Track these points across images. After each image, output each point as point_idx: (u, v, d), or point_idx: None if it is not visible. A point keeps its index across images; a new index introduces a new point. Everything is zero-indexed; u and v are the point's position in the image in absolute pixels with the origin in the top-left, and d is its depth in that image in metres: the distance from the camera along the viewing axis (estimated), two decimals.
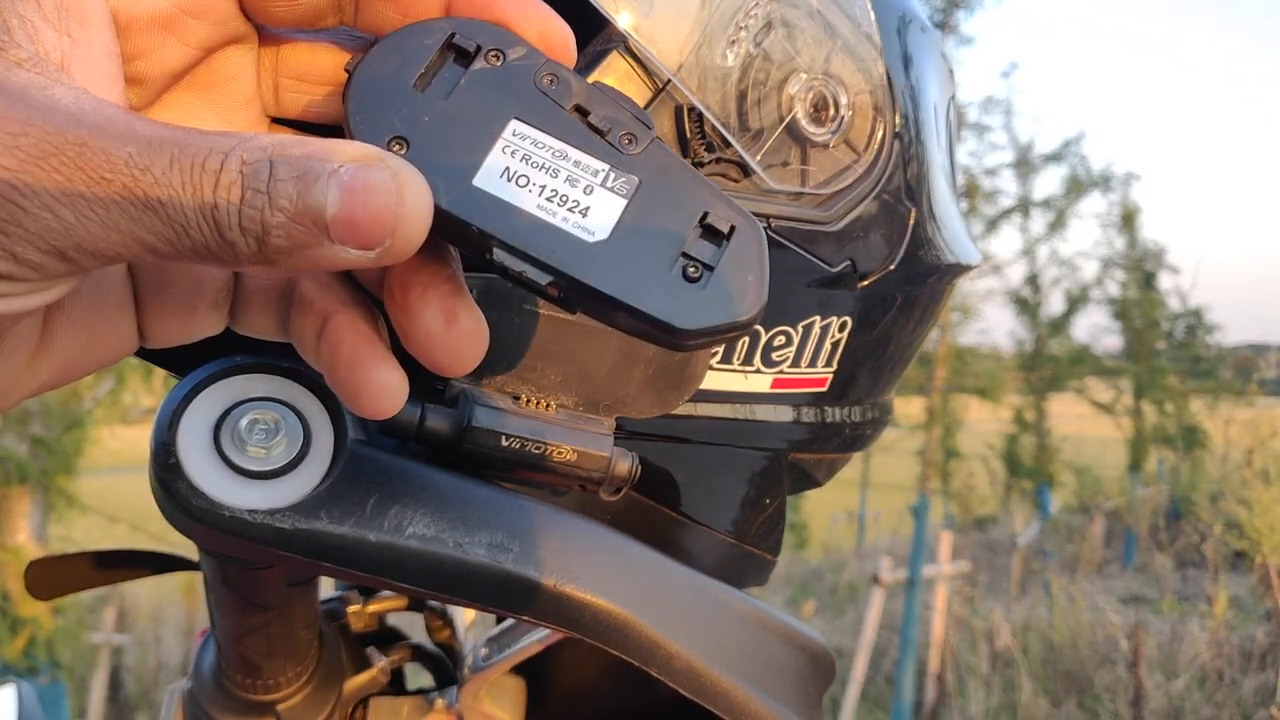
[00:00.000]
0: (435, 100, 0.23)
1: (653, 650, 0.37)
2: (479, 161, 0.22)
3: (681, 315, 0.22)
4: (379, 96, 0.23)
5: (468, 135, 0.22)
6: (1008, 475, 8.96)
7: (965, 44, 7.72)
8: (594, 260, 0.22)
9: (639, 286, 0.22)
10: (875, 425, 0.48)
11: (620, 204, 0.22)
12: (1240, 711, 3.55)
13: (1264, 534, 3.86)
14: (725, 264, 0.22)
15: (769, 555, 0.47)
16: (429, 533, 0.34)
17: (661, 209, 0.22)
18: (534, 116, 0.23)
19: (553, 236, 0.22)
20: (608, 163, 0.23)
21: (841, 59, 0.40)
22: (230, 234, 0.20)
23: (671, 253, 0.22)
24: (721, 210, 0.23)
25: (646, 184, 0.23)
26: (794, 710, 0.40)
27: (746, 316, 0.22)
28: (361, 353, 0.25)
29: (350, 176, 0.20)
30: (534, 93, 0.23)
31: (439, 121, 0.23)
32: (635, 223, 0.22)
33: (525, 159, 0.22)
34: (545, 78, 0.23)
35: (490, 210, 0.22)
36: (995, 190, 8.67)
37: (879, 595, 3.80)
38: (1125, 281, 9.04)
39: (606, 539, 0.38)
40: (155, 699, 5.28)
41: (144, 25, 0.24)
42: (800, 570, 7.39)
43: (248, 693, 0.49)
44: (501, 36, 0.24)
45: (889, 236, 0.43)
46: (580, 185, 0.22)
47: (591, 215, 0.22)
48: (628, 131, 0.23)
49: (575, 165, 0.22)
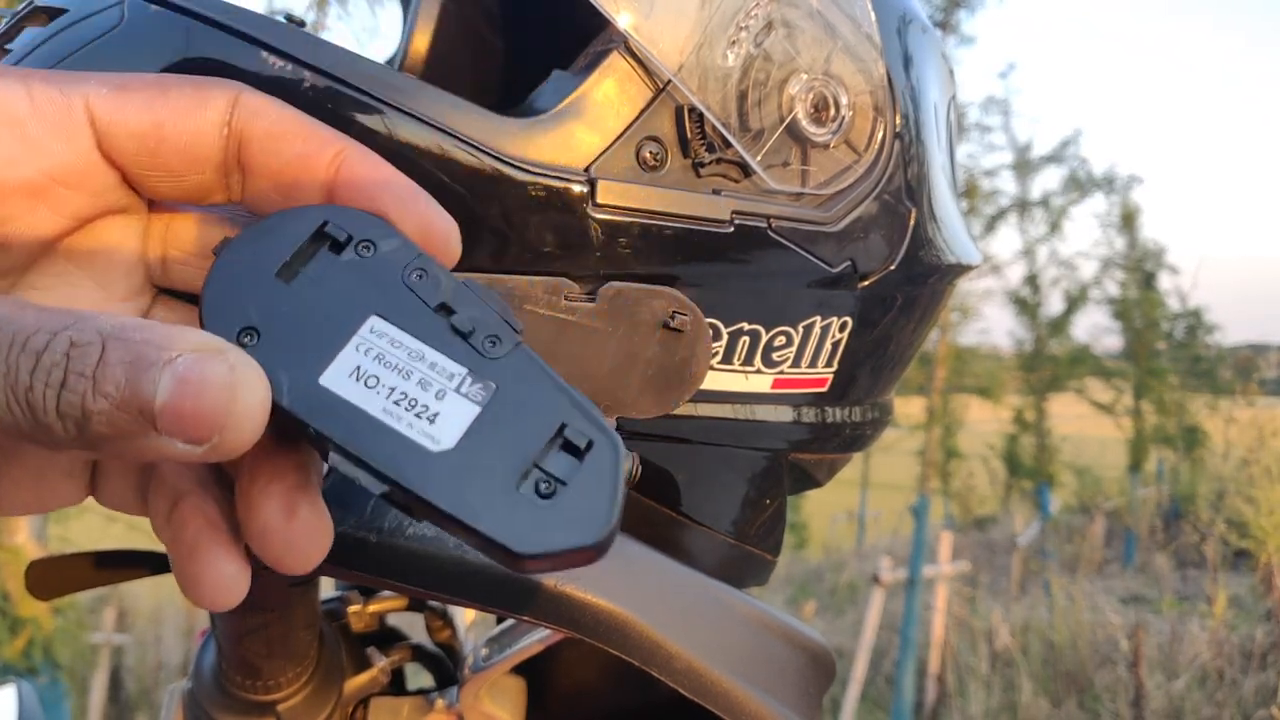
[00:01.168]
0: (297, 291, 0.22)
1: (653, 650, 0.37)
2: (330, 358, 0.21)
3: (521, 538, 0.20)
4: (238, 284, 0.22)
5: (323, 330, 0.22)
6: (1008, 475, 8.96)
7: (966, 44, 7.71)
8: (434, 471, 0.21)
9: (479, 502, 0.21)
10: (875, 425, 0.48)
11: (473, 411, 0.21)
12: (1240, 711, 3.55)
13: (1269, 533, 3.86)
14: (578, 481, 0.21)
15: (769, 555, 0.47)
16: (429, 533, 0.34)
17: (516, 418, 0.21)
18: (395, 313, 0.22)
19: (393, 443, 0.21)
20: (466, 366, 0.22)
21: (842, 59, 0.40)
22: (46, 418, 0.19)
23: (522, 466, 0.21)
24: (580, 423, 0.22)
25: (504, 391, 0.22)
26: (794, 710, 0.40)
27: (593, 540, 0.20)
28: (203, 539, 0.23)
29: (185, 368, 0.19)
30: (399, 288, 0.22)
31: (295, 314, 0.22)
32: (487, 432, 0.21)
33: (379, 358, 0.22)
34: (414, 273, 0.23)
35: (331, 411, 0.21)
36: (994, 190, 8.68)
37: (879, 595, 3.80)
38: (1125, 281, 9.04)
39: None
40: (155, 699, 5.28)
41: (11, 192, 0.23)
42: (800, 570, 7.39)
43: (248, 693, 0.49)
44: (376, 227, 0.23)
45: (889, 237, 0.43)
46: (433, 389, 0.21)
47: (440, 422, 0.21)
48: (492, 334, 0.22)
49: (430, 368, 0.22)
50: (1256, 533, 3.90)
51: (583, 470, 0.21)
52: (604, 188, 0.36)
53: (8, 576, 3.43)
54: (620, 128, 0.37)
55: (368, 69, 0.34)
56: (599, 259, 0.37)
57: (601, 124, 0.37)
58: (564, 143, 0.36)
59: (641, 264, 0.38)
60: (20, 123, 0.23)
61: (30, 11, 0.36)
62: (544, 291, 0.37)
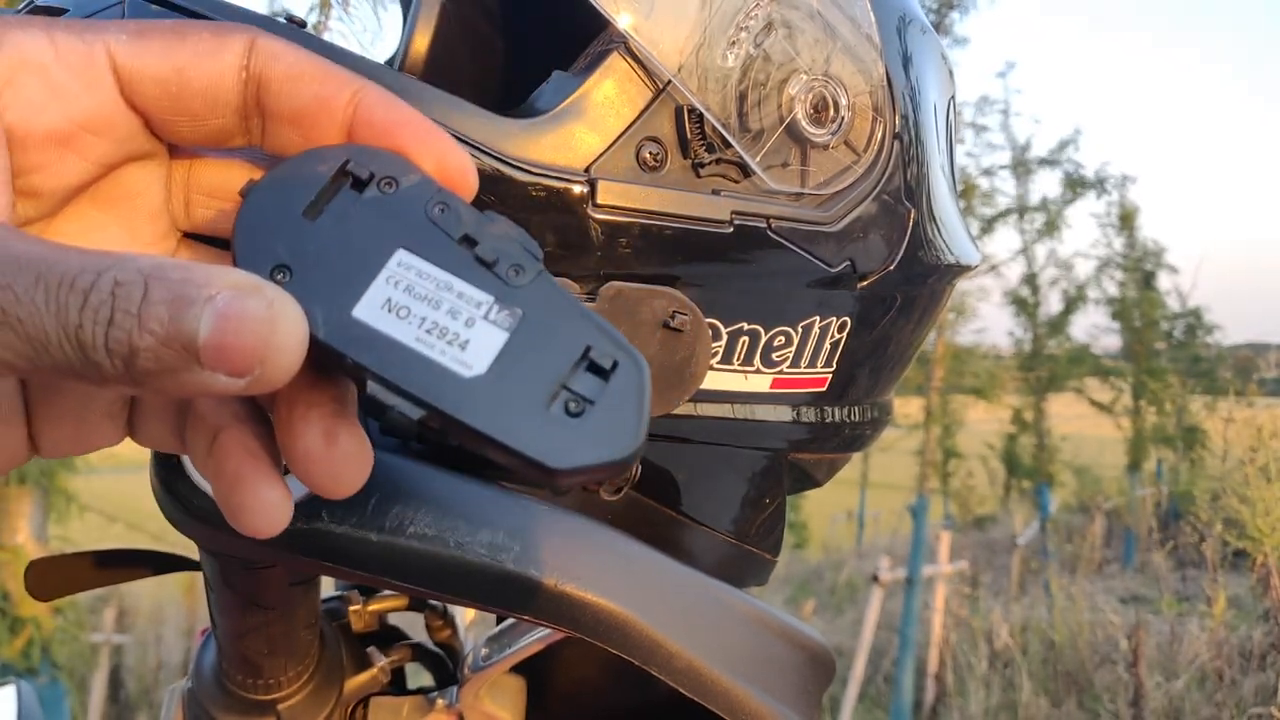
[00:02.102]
0: (323, 228, 0.23)
1: (653, 649, 0.37)
2: (361, 292, 0.22)
3: (555, 454, 0.21)
4: (267, 224, 0.23)
5: (352, 264, 0.22)
6: (1007, 475, 8.96)
7: (959, 45, 7.71)
8: (469, 395, 0.21)
9: (514, 423, 0.21)
10: (875, 425, 0.48)
11: (502, 337, 0.22)
12: (1240, 711, 3.55)
13: (1265, 533, 3.86)
14: (605, 400, 0.22)
15: (769, 555, 0.47)
16: (430, 532, 0.34)
17: (543, 343, 0.22)
18: (421, 246, 0.23)
19: (429, 370, 0.22)
20: (492, 294, 0.22)
21: (841, 60, 0.40)
22: (95, 354, 0.19)
23: (551, 387, 0.22)
24: (605, 346, 0.22)
25: (530, 317, 0.22)
26: (794, 709, 0.40)
27: (624, 455, 0.21)
28: (245, 469, 0.24)
29: (225, 304, 0.20)
30: (423, 222, 0.23)
31: (325, 250, 0.23)
32: (516, 357, 0.22)
33: (409, 290, 0.22)
34: (436, 207, 0.23)
35: (367, 342, 0.22)
36: (993, 190, 8.68)
37: (878, 595, 3.80)
38: (1124, 281, 9.04)
39: (607, 539, 0.38)
40: (155, 699, 5.28)
41: (39, 140, 0.23)
42: (800, 570, 7.39)
43: (248, 692, 0.49)
44: (396, 164, 0.24)
45: (889, 237, 0.43)
46: (462, 318, 0.22)
47: (471, 349, 0.22)
48: (515, 263, 0.23)
49: (459, 297, 0.22)
50: (1253, 533, 3.90)
51: (609, 389, 0.22)
52: (604, 188, 0.36)
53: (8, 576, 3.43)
54: (620, 128, 0.37)
55: (368, 69, 0.34)
56: (599, 259, 0.37)
57: (601, 124, 0.37)
58: (564, 143, 0.36)
59: (641, 264, 0.38)
60: (46, 70, 0.23)
61: (30, 11, 0.36)
62: None
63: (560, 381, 0.22)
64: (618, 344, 0.22)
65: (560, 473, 0.21)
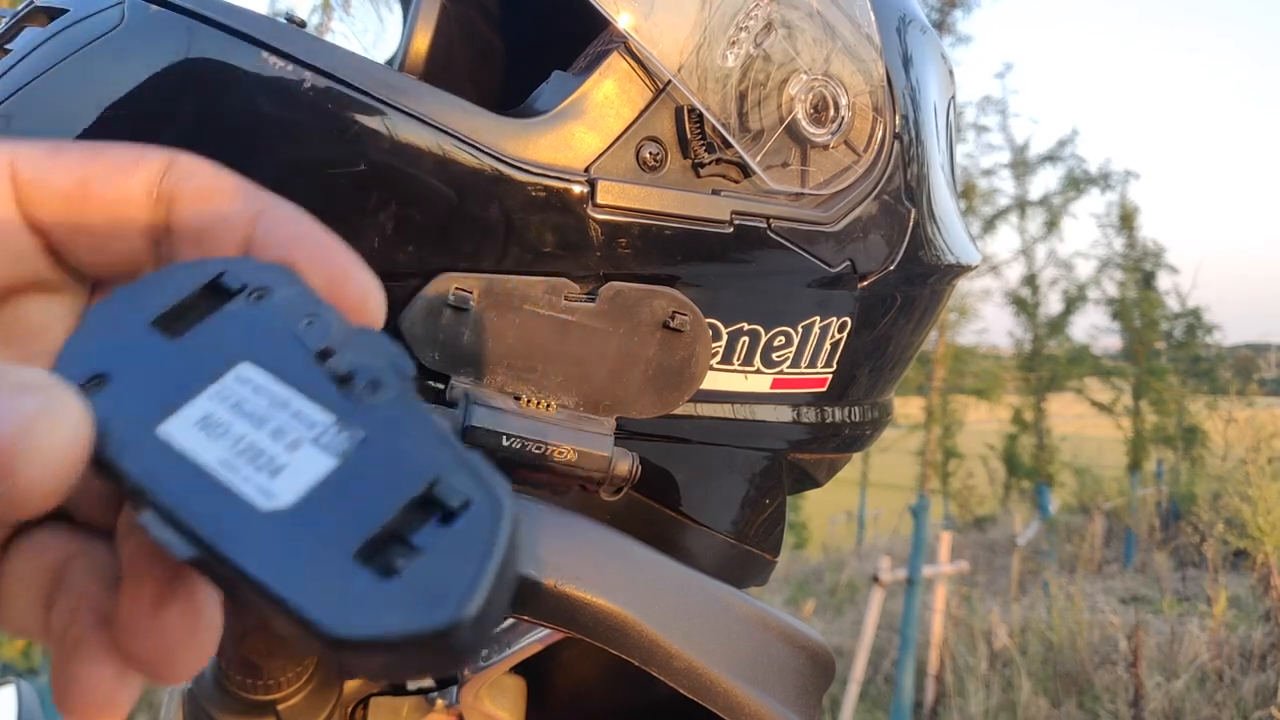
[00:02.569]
0: (166, 340, 0.20)
1: (652, 650, 0.37)
2: (178, 407, 0.19)
3: (338, 616, 0.17)
4: (104, 331, 0.21)
5: (182, 378, 0.20)
6: (1007, 475, 8.97)
7: (962, 43, 7.72)
8: (256, 532, 0.18)
9: (299, 571, 0.17)
10: (875, 425, 0.48)
11: (327, 465, 0.18)
12: (1240, 711, 3.55)
13: (1265, 532, 3.86)
14: (437, 551, 0.17)
15: (769, 555, 0.47)
16: None
17: (378, 473, 0.18)
18: (269, 359, 0.20)
19: (218, 499, 0.18)
20: (334, 414, 0.19)
21: (841, 60, 0.40)
22: None
23: (369, 530, 0.18)
24: (458, 479, 0.18)
25: (372, 441, 0.19)
26: (794, 710, 0.40)
27: (437, 627, 0.16)
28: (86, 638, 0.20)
29: None
30: (282, 335, 0.20)
31: (158, 362, 0.20)
32: (337, 489, 0.18)
33: (236, 406, 0.19)
34: (304, 320, 0.20)
35: (158, 462, 0.18)
36: (992, 190, 8.69)
37: (878, 595, 3.80)
38: (1124, 281, 9.05)
39: (607, 539, 0.38)
40: (155, 699, 5.28)
41: None
42: (800, 570, 7.39)
43: (248, 692, 0.49)
44: (277, 277, 0.21)
45: (889, 237, 0.43)
46: (286, 439, 0.19)
47: (283, 477, 0.18)
48: (374, 379, 0.19)
49: (294, 416, 0.19)
50: (1254, 533, 3.90)
51: (446, 537, 0.17)
52: (604, 188, 0.36)
53: None
54: (620, 128, 0.37)
55: (368, 69, 0.34)
56: (599, 259, 0.37)
57: (601, 124, 0.37)
58: (564, 143, 0.36)
59: (641, 264, 0.38)
60: None
61: (30, 11, 0.36)
62: (544, 291, 0.37)
63: (384, 523, 0.18)
64: (476, 477, 0.18)
65: (339, 643, 0.17)
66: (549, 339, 0.37)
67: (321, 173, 0.34)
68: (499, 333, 0.37)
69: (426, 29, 0.51)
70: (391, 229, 0.35)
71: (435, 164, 0.35)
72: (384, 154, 0.34)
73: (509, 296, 0.36)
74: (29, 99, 0.33)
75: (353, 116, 0.34)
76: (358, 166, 0.34)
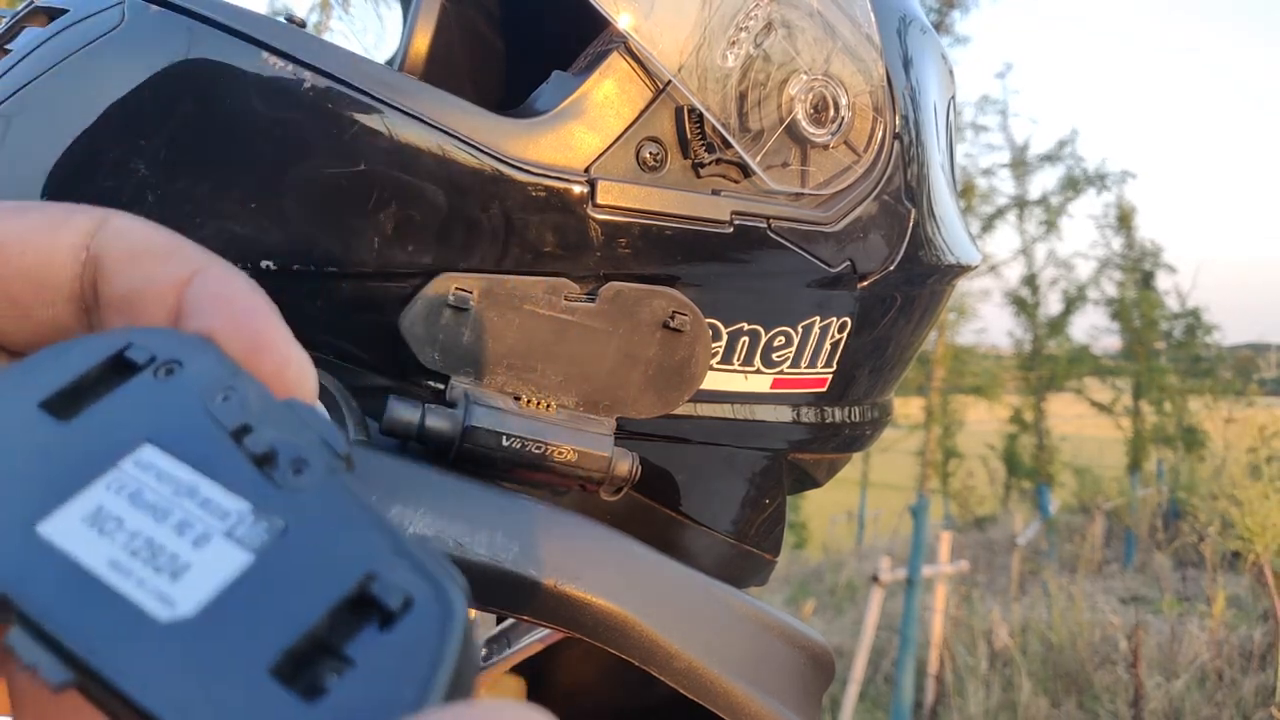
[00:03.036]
0: (56, 423, 0.18)
1: (652, 650, 0.37)
2: (64, 500, 0.16)
3: None
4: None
5: (70, 466, 0.17)
6: (1007, 475, 8.98)
7: (961, 43, 7.73)
8: (149, 650, 0.14)
9: (200, 696, 0.14)
10: (875, 425, 0.48)
11: (242, 562, 0.15)
12: (1240, 711, 3.55)
13: (1256, 533, 3.86)
14: (372, 662, 0.14)
15: (769, 555, 0.47)
16: (429, 532, 0.34)
17: (303, 569, 0.15)
18: (175, 441, 0.17)
19: (104, 609, 0.15)
20: (250, 501, 0.16)
21: (841, 60, 0.40)
22: None
23: (288, 640, 0.14)
24: (397, 573, 0.15)
25: (296, 531, 0.16)
26: (794, 710, 0.40)
27: None
28: None
29: None
30: (190, 412, 0.17)
31: (45, 448, 0.17)
32: (250, 591, 0.15)
33: (134, 496, 0.16)
34: (220, 395, 0.18)
35: (34, 568, 0.15)
36: (991, 190, 8.70)
37: (878, 595, 3.80)
38: (1123, 282, 9.06)
39: (607, 539, 0.38)
40: None
41: None
42: (800, 570, 7.39)
43: None
44: (190, 348, 0.18)
45: (889, 237, 0.43)
46: (192, 534, 0.16)
47: (187, 579, 0.15)
48: (299, 459, 0.17)
49: (201, 505, 0.16)
50: (1244, 533, 3.90)
51: (386, 644, 0.15)
52: (604, 188, 0.36)
53: None
54: (620, 128, 0.37)
55: (368, 69, 0.34)
56: (599, 259, 0.37)
57: (601, 124, 0.37)
58: (564, 143, 0.36)
59: (641, 264, 0.38)
60: None
61: (30, 11, 0.36)
62: (544, 291, 0.37)
63: (307, 630, 0.15)
64: (420, 570, 0.15)
65: None
66: (549, 339, 0.37)
67: (321, 173, 0.34)
68: (499, 333, 0.37)
69: (426, 29, 0.51)
70: (391, 229, 0.35)
71: (435, 164, 0.35)
72: (384, 154, 0.34)
73: (509, 296, 0.36)
74: (29, 99, 0.33)
75: (352, 116, 0.34)
76: (357, 166, 0.34)
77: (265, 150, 0.34)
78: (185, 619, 0.15)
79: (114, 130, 0.33)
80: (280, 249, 0.34)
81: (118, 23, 0.34)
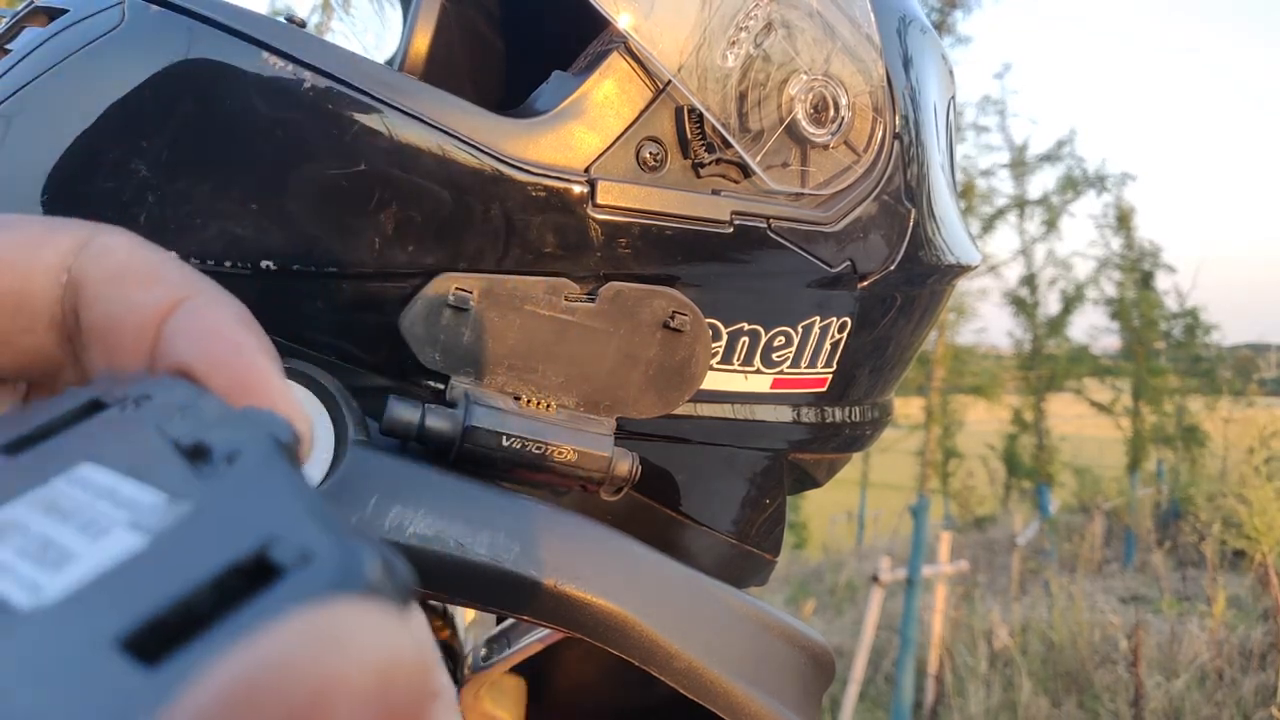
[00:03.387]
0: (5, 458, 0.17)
1: (652, 650, 0.37)
2: None
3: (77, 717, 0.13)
4: None
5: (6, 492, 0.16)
6: (1007, 475, 8.98)
7: (962, 44, 7.73)
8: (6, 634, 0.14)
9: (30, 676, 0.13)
10: (875, 425, 0.48)
11: (131, 544, 0.15)
12: (1240, 711, 3.55)
13: (1262, 532, 3.87)
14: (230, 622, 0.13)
15: (769, 555, 0.47)
16: (430, 532, 0.34)
17: (195, 543, 0.15)
18: (113, 456, 0.16)
19: None
20: (166, 493, 0.16)
21: (841, 60, 0.40)
22: None
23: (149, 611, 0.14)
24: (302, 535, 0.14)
25: (201, 512, 0.15)
26: (794, 710, 0.40)
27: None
28: None
29: None
30: (141, 430, 0.17)
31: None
32: (129, 571, 0.14)
33: (50, 506, 0.16)
34: (176, 413, 0.17)
35: None
36: (991, 190, 8.70)
37: (878, 595, 3.80)
38: (1123, 281, 9.06)
39: (607, 539, 0.38)
40: None
41: None
42: (800, 570, 7.39)
43: None
44: (168, 387, 0.18)
45: (889, 237, 0.43)
46: (94, 530, 0.15)
47: (68, 569, 0.15)
48: (233, 451, 0.16)
49: (116, 504, 0.16)
50: (1250, 533, 3.90)
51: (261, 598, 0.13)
52: (604, 188, 0.36)
53: None
54: (620, 128, 0.37)
55: (368, 69, 0.34)
56: (599, 259, 0.37)
57: (601, 124, 0.37)
58: (564, 143, 0.36)
59: (641, 264, 0.38)
60: None
61: (30, 11, 0.36)
62: (544, 291, 0.37)
63: (178, 601, 0.14)
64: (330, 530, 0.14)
65: None
66: (549, 339, 0.37)
67: (322, 173, 0.34)
68: (499, 333, 0.37)
69: (426, 29, 0.51)
70: (391, 229, 0.35)
71: (435, 164, 0.35)
72: (384, 154, 0.34)
73: (509, 297, 0.36)
74: (29, 99, 0.33)
75: (352, 116, 0.34)
76: (357, 166, 0.34)
77: (265, 150, 0.34)
78: (48, 604, 0.14)
79: (114, 130, 0.33)
80: (280, 249, 0.34)
81: (118, 23, 0.34)
